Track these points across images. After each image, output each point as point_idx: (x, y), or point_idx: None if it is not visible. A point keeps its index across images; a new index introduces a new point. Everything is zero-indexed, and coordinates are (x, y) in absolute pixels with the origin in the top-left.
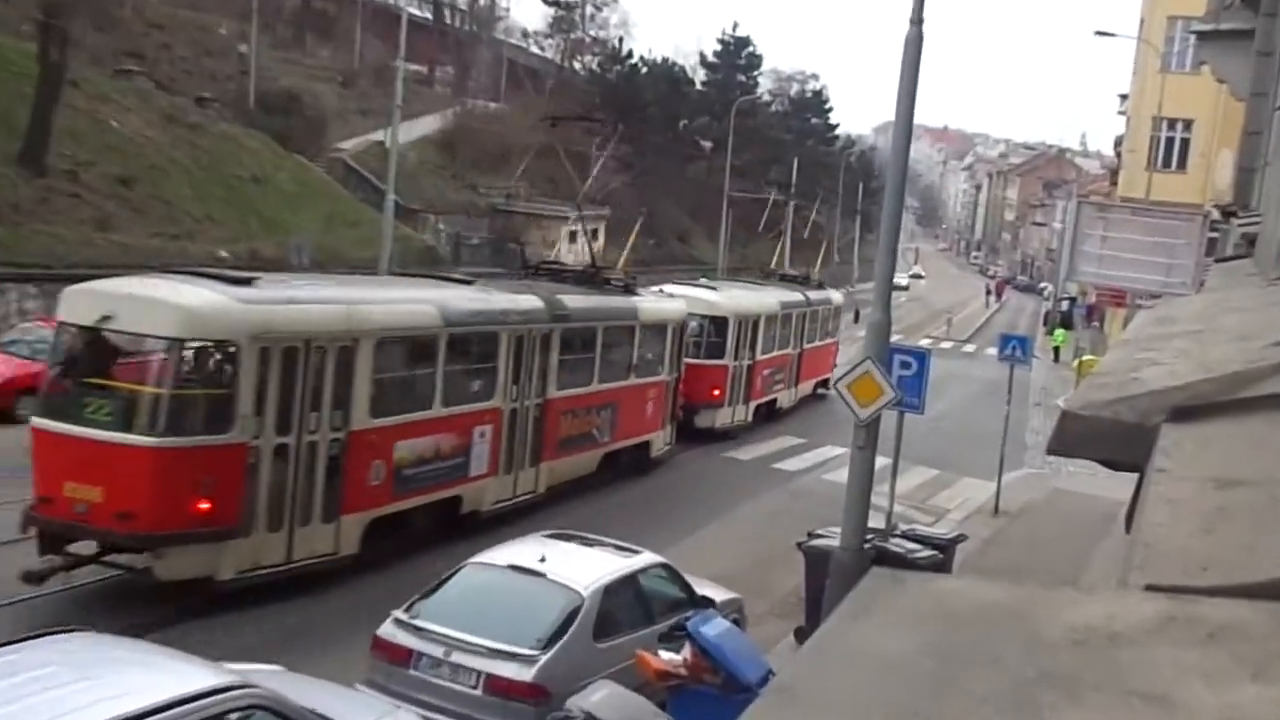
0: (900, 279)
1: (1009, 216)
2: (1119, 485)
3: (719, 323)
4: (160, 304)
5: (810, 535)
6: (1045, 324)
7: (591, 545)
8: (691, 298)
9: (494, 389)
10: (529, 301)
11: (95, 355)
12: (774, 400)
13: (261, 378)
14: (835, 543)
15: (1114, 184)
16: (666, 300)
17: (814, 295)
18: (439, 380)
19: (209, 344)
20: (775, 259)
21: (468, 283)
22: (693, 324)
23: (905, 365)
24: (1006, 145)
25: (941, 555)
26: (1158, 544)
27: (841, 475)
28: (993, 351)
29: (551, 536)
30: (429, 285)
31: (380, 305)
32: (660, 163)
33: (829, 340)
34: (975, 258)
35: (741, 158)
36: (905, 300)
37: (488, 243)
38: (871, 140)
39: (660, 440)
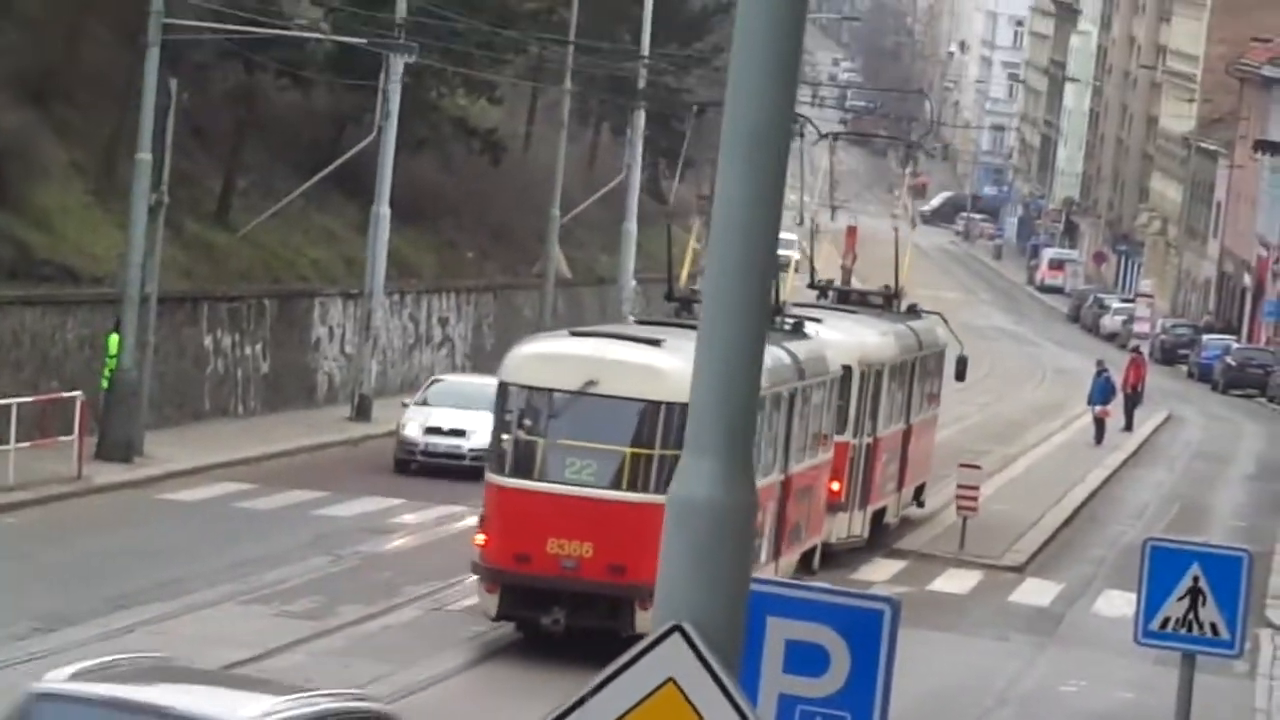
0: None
1: (1174, 124)
2: None
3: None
4: (646, 370)
5: None
6: None
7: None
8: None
9: None
10: None
11: (577, 417)
12: (884, 509)
13: None
14: None
15: None
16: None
17: (921, 331)
18: None
19: (680, 405)
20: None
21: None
22: None
23: None
24: None
25: None
26: None
27: None
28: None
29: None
30: None
31: None
32: None
33: (933, 411)
34: (1051, 263)
35: None
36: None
37: None
38: None
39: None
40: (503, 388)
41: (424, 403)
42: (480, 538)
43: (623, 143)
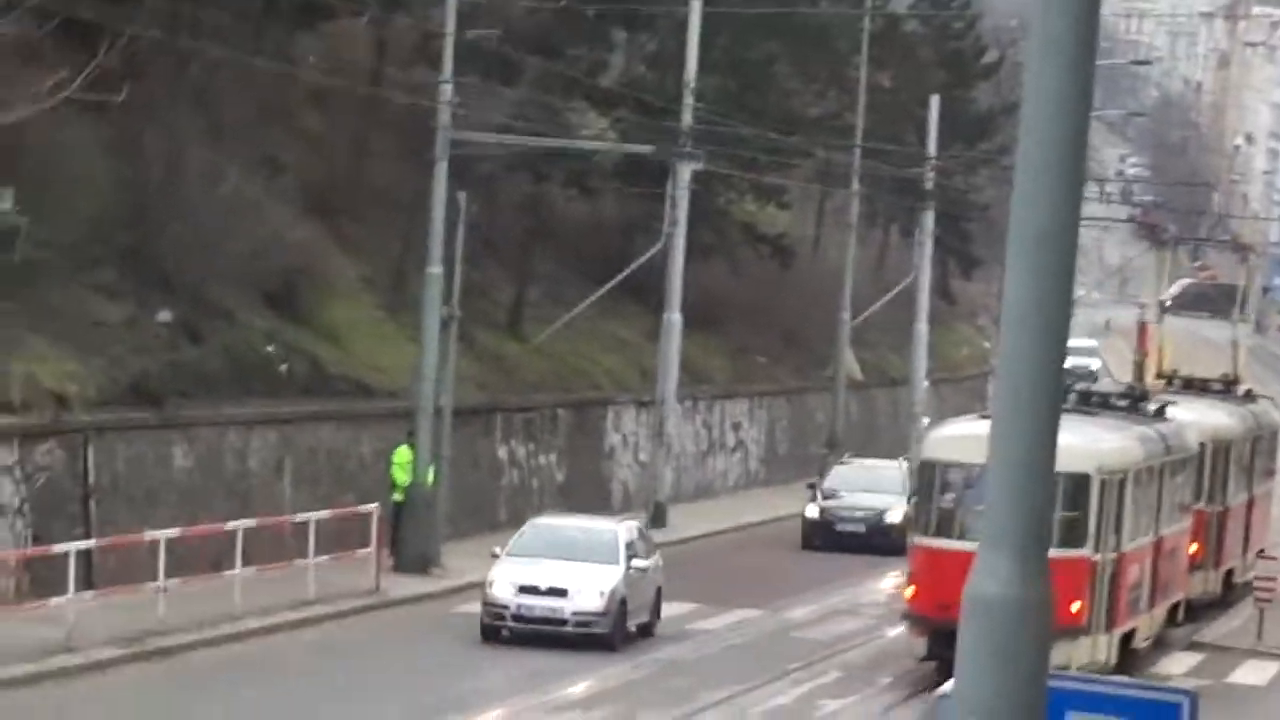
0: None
1: None
2: None
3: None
4: (1067, 448)
5: None
6: None
7: None
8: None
9: None
10: None
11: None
12: (1233, 569)
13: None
14: None
15: None
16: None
17: (1259, 413)
18: None
19: (1067, 474)
20: None
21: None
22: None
23: None
24: None
25: None
26: None
27: None
28: None
29: None
30: None
31: None
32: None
33: (1269, 485)
34: None
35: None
36: None
37: None
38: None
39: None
40: (925, 464)
41: (515, 551)
42: (909, 590)
43: (911, 243)
